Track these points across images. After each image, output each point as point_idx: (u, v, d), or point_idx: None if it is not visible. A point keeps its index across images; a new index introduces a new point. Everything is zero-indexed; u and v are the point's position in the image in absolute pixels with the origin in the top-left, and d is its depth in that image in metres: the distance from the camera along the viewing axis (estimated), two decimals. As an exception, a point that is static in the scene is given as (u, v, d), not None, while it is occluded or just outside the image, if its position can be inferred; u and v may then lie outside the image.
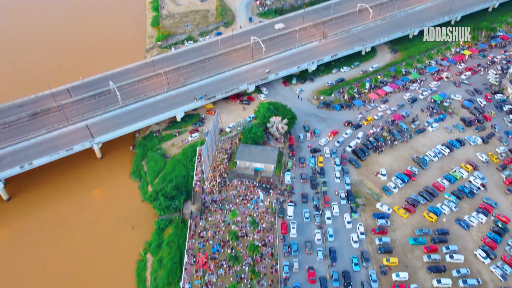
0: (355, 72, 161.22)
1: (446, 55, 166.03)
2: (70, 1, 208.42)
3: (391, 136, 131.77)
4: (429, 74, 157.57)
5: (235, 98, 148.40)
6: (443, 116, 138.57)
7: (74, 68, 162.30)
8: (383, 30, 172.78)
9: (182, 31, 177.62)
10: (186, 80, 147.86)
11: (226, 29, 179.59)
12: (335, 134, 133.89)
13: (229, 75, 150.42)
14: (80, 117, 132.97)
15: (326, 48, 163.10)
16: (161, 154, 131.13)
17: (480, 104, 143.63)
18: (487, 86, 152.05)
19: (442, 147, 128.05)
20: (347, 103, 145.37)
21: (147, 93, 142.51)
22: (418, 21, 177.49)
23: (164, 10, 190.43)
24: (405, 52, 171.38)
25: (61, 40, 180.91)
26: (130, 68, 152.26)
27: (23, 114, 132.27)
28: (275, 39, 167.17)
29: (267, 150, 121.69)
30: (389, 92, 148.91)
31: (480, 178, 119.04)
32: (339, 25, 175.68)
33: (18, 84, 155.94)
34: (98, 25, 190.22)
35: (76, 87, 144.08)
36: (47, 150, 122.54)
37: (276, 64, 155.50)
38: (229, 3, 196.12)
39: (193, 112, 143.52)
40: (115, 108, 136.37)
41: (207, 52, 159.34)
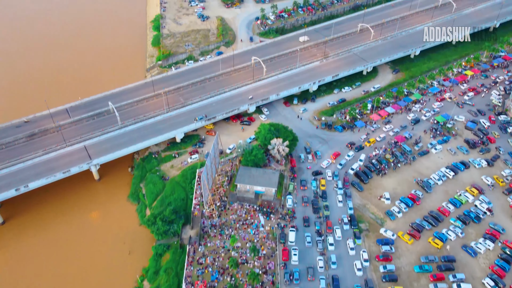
0: (357, 92, 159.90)
1: (448, 76, 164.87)
2: (71, 20, 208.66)
3: (394, 159, 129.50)
4: (432, 95, 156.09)
5: (235, 119, 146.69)
6: (446, 138, 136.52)
7: (73, 87, 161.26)
8: (385, 50, 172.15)
9: (182, 51, 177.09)
10: (186, 100, 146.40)
11: (227, 49, 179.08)
12: (337, 156, 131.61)
13: (230, 95, 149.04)
14: (78, 138, 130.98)
15: (327, 68, 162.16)
16: (160, 176, 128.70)
17: (483, 126, 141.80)
18: (490, 107, 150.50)
19: (447, 170, 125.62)
20: (349, 124, 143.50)
21: (146, 114, 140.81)
22: (419, 41, 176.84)
23: (165, 30, 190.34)
24: (406, 72, 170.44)
25: (61, 59, 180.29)
26: (130, 88, 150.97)
27: (21, 135, 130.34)
28: (276, 59, 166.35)
29: (268, 172, 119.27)
30: (391, 113, 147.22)
31: (486, 203, 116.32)
32: (340, 45, 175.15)
33: (17, 104, 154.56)
34: (99, 44, 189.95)
35: (75, 107, 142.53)
36: (43, 172, 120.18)
37: (277, 84, 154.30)
38: (230, 23, 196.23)
39: (193, 133, 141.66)
40: (114, 129, 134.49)
41: (208, 72, 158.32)
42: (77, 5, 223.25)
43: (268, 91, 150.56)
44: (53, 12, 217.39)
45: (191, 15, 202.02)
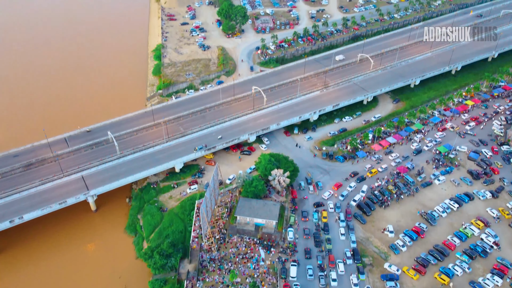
0: (358, 122, 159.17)
1: (449, 105, 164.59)
2: (72, 49, 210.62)
3: (397, 190, 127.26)
4: (433, 125, 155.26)
5: (235, 149, 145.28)
6: (449, 169, 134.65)
7: (72, 116, 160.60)
8: (384, 79, 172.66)
9: (183, 80, 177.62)
10: (186, 130, 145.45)
11: (228, 78, 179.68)
12: (338, 187, 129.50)
13: (230, 125, 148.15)
14: (75, 168, 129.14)
15: (327, 97, 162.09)
16: (158, 207, 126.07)
17: (486, 156, 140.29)
18: (492, 137, 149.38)
19: (451, 202, 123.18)
20: (350, 154, 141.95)
21: (146, 143, 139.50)
22: (418, 71, 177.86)
23: (166, 59, 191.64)
24: (407, 101, 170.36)
25: (61, 88, 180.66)
26: (130, 117, 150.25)
27: (17, 164, 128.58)
28: (276, 89, 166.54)
29: (268, 204, 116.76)
30: (392, 143, 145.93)
31: (493, 236, 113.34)
32: (340, 74, 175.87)
33: (15, 133, 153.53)
34: (100, 73, 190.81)
35: (74, 137, 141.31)
36: (39, 203, 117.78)
37: (278, 113, 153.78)
38: (230, 52, 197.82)
39: (192, 163, 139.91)
40: (112, 159, 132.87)
41: (208, 101, 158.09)
42: (79, 33, 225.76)
43: (269, 121, 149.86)
44: (54, 40, 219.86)
45: (192, 44, 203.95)
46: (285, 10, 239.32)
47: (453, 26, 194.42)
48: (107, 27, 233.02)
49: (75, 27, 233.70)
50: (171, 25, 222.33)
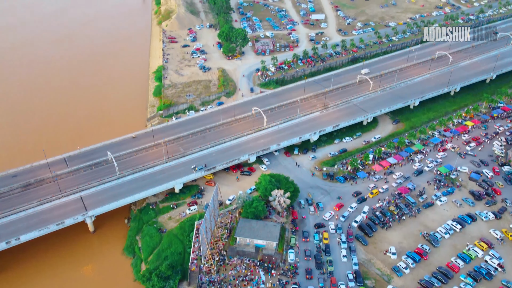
0: (358, 143, 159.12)
1: (449, 126, 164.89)
2: (72, 69, 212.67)
3: (398, 211, 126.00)
4: (433, 145, 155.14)
5: (236, 169, 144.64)
6: (451, 190, 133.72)
7: (73, 137, 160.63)
8: (384, 100, 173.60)
9: (184, 101, 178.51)
10: (186, 150, 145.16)
11: (228, 99, 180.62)
12: (340, 207, 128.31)
13: (230, 146, 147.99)
14: (74, 189, 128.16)
15: (327, 118, 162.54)
16: (157, 228, 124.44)
17: (487, 176, 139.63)
18: (493, 157, 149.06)
19: (453, 223, 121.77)
20: (351, 175, 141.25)
21: (145, 164, 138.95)
22: (418, 92, 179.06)
23: (166, 80, 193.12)
24: (407, 122, 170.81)
25: (61, 108, 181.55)
26: (130, 138, 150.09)
27: (16, 185, 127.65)
28: (276, 110, 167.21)
29: (268, 225, 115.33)
30: (393, 163, 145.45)
31: (497, 258, 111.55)
32: (339, 95, 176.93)
33: (14, 153, 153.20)
34: (100, 94, 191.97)
35: (74, 157, 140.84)
36: (37, 224, 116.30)
37: (278, 134, 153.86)
38: (231, 74, 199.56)
39: (192, 183, 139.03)
40: (111, 179, 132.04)
41: (208, 122, 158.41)
42: (81, 54, 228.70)
43: (269, 141, 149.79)
44: (55, 60, 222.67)
45: (193, 66, 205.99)
46: (284, 33, 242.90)
47: (450, 49, 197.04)
48: (109, 49, 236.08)
49: (77, 48, 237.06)
50: (172, 47, 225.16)
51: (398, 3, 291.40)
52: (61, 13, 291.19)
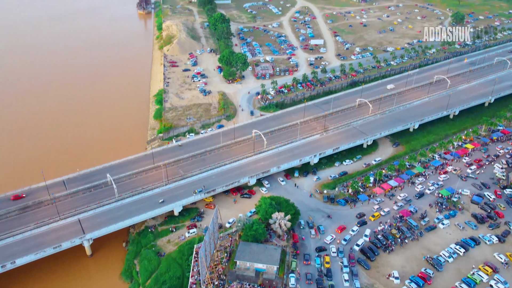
0: (358, 165, 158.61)
1: (449, 149, 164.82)
2: (74, 91, 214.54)
3: (400, 234, 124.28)
4: (434, 168, 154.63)
5: (235, 192, 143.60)
6: (453, 213, 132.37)
7: (72, 159, 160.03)
8: (384, 123, 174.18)
9: (184, 124, 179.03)
10: (186, 172, 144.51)
11: (228, 122, 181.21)
12: (342, 229, 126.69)
13: (230, 168, 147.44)
14: (72, 211, 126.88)
15: (327, 141, 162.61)
16: (156, 252, 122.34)
17: (489, 199, 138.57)
18: (494, 180, 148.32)
19: (456, 247, 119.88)
20: (352, 197, 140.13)
21: (145, 186, 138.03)
22: (417, 115, 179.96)
23: (167, 103, 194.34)
24: (407, 145, 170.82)
25: (62, 130, 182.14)
26: (130, 160, 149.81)
27: (13, 207, 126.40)
28: (276, 132, 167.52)
29: (269, 249, 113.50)
30: (394, 186, 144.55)
31: (502, 283, 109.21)
32: (339, 118, 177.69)
33: (13, 176, 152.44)
34: (101, 117, 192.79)
35: (73, 179, 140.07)
36: (33, 247, 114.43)
37: (278, 156, 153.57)
38: (231, 97, 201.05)
39: (191, 206, 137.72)
40: (110, 202, 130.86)
41: (208, 145, 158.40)
42: (82, 77, 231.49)
43: (269, 164, 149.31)
44: (56, 83, 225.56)
45: (193, 90, 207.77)
46: (284, 57, 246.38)
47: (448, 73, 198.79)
48: (111, 73, 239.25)
49: (79, 71, 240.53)
50: (173, 71, 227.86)
51: (396, 29, 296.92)
52: (64, 37, 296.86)
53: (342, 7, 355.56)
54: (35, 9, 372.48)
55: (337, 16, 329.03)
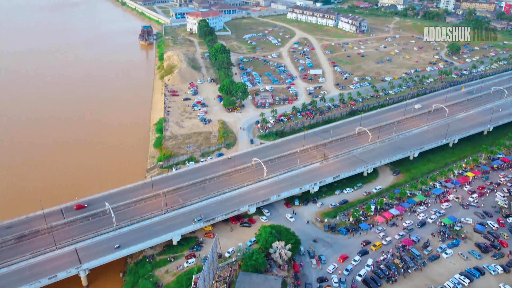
0: (359, 194, 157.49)
1: (450, 177, 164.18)
2: (74, 120, 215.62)
3: (403, 264, 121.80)
4: (435, 196, 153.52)
5: (235, 220, 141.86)
6: (456, 242, 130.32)
7: (71, 187, 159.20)
8: (383, 152, 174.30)
9: (184, 152, 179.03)
10: (185, 201, 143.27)
11: (228, 150, 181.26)
12: (345, 259, 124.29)
13: (230, 196, 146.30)
14: (69, 240, 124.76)
15: (327, 169, 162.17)
16: (153, 283, 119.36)
17: (492, 228, 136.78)
18: (496, 209, 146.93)
19: (461, 277, 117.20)
20: (353, 226, 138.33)
21: (143, 215, 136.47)
22: (416, 143, 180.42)
23: (167, 132, 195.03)
24: (407, 173, 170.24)
25: (60, 158, 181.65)
26: (129, 188, 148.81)
27: (10, 236, 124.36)
28: (276, 160, 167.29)
29: (269, 279, 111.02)
30: (396, 215, 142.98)
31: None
32: (339, 147, 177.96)
33: (11, 204, 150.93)
34: (101, 145, 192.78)
35: (71, 208, 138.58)
36: (28, 277, 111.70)
37: (278, 185, 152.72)
38: (231, 126, 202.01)
39: (190, 235, 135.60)
40: (108, 231, 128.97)
41: (208, 173, 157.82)
42: (82, 105, 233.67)
43: (269, 192, 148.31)
44: (56, 110, 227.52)
45: (193, 118, 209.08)
46: (283, 87, 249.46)
47: (446, 102, 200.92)
48: (112, 101, 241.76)
49: (80, 98, 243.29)
50: (173, 100, 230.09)
51: (393, 59, 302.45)
52: (67, 66, 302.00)
53: (340, 38, 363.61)
54: (39, 39, 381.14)
55: (335, 47, 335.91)
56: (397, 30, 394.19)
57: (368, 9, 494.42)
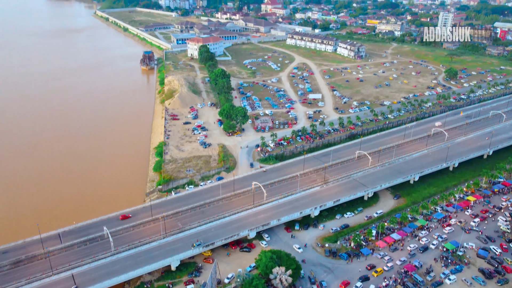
0: (360, 218, 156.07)
1: (451, 201, 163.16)
2: (73, 144, 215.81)
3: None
4: (436, 221, 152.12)
5: (235, 245, 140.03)
6: (459, 267, 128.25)
7: (69, 211, 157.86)
8: (384, 176, 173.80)
9: (183, 176, 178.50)
10: (184, 225, 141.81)
11: (228, 174, 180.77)
12: (346, 285, 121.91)
13: (229, 221, 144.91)
14: (66, 266, 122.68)
15: (328, 193, 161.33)
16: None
17: (496, 253, 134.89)
18: (499, 233, 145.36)
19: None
20: (354, 251, 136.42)
21: (142, 239, 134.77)
22: (417, 167, 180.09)
23: (167, 156, 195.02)
24: (408, 197, 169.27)
25: (59, 181, 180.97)
26: (128, 212, 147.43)
27: (5, 261, 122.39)
28: (276, 184, 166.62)
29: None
30: (397, 239, 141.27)
31: None
32: (339, 170, 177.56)
33: (8, 228, 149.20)
34: (100, 169, 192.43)
35: (68, 232, 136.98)
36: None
37: (278, 209, 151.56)
38: (231, 149, 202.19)
39: (189, 260, 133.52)
40: (105, 256, 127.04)
41: (208, 197, 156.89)
42: (82, 129, 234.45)
43: (269, 216, 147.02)
44: (55, 133, 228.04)
45: (193, 142, 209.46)
46: (283, 111, 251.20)
47: (445, 126, 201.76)
48: (112, 125, 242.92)
49: (80, 122, 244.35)
50: (174, 124, 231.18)
51: (392, 84, 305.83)
52: (69, 90, 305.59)
53: (339, 63, 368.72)
54: (41, 63, 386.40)
55: (334, 72, 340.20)
56: (394, 55, 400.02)
57: (366, 35, 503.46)
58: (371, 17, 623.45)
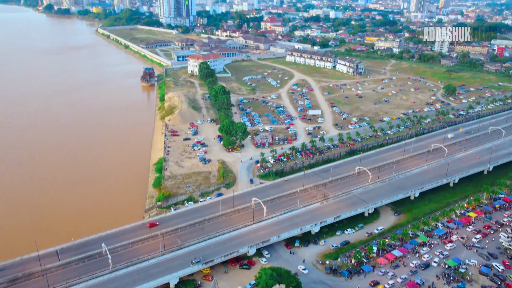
0: (360, 235, 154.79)
1: (452, 217, 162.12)
2: (72, 159, 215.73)
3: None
4: (438, 237, 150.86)
5: (234, 262, 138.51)
6: (462, 285, 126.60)
7: (67, 228, 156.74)
8: (384, 192, 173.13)
9: (183, 192, 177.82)
10: (183, 242, 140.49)
11: (227, 190, 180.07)
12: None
13: (229, 237, 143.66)
14: (64, 283, 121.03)
15: (328, 209, 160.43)
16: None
17: (498, 270, 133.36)
18: (501, 250, 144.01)
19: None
20: (355, 268, 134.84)
21: (140, 256, 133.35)
22: (417, 183, 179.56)
23: (167, 172, 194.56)
24: (408, 213, 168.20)
25: (57, 197, 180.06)
26: (126, 229, 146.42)
27: (2, 279, 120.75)
28: (276, 200, 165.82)
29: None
30: (398, 256, 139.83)
31: None
32: (339, 186, 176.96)
33: (5, 246, 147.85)
34: (99, 185, 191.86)
35: (66, 249, 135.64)
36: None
37: (278, 225, 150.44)
38: (230, 165, 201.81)
39: (188, 278, 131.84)
40: (103, 273, 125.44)
41: (207, 213, 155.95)
42: (82, 144, 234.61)
43: (269, 233, 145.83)
44: (53, 148, 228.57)
45: (193, 158, 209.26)
46: (283, 127, 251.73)
47: (444, 142, 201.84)
48: (112, 142, 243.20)
49: (80, 138, 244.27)
50: (173, 140, 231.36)
51: (391, 100, 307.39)
52: (69, 106, 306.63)
53: (338, 80, 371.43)
54: (42, 81, 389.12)
55: (334, 88, 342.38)
56: (393, 72, 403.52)
57: (364, 52, 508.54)
58: (370, 34, 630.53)
